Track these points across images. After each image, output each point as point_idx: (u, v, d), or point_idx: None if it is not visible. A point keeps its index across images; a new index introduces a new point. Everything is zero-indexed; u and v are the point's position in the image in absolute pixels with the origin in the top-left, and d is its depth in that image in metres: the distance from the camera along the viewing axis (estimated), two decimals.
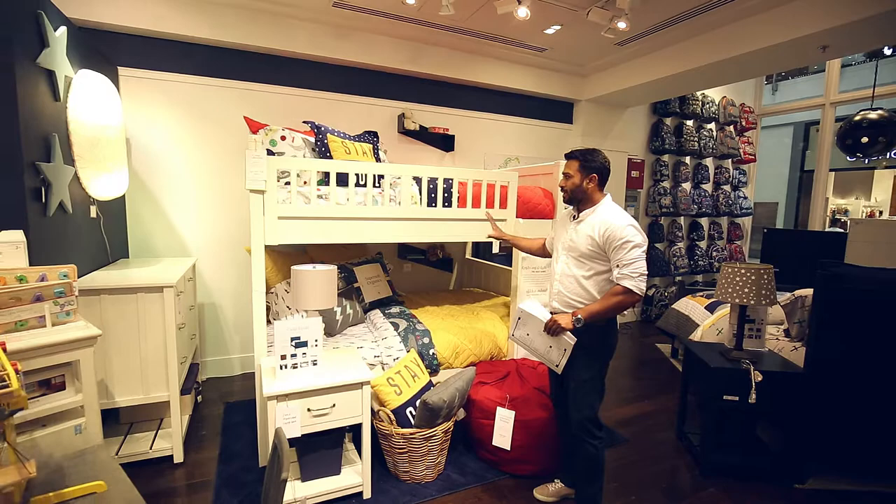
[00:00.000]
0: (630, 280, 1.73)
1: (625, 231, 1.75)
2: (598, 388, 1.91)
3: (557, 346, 1.85)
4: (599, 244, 1.80)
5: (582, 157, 1.89)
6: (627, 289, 1.73)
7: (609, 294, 1.80)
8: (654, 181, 5.50)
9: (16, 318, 1.40)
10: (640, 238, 1.76)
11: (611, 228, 1.77)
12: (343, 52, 3.56)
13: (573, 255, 1.90)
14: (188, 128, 3.27)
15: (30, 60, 1.87)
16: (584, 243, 1.85)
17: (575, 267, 1.90)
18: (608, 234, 1.77)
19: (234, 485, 2.20)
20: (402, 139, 4.02)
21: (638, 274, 1.73)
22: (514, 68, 4.28)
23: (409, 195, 2.54)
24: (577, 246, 1.87)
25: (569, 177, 1.91)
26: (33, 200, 1.87)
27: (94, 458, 1.43)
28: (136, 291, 2.19)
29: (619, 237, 1.74)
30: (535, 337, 1.92)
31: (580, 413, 1.88)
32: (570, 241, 1.92)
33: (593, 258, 1.85)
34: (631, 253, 1.73)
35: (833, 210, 9.89)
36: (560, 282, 1.95)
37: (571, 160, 1.92)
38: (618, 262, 1.76)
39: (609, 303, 1.78)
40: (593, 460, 1.89)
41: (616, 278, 1.77)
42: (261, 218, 2.19)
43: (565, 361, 1.84)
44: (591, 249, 1.83)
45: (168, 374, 2.29)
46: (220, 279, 3.49)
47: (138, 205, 3.18)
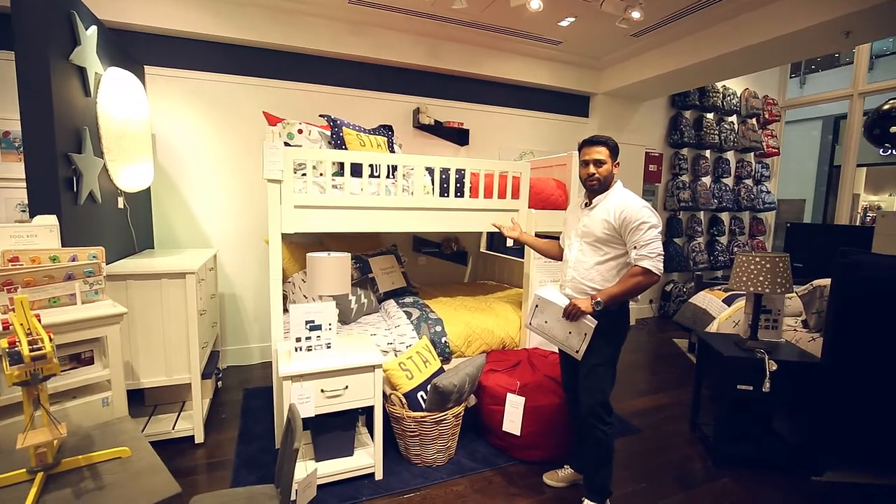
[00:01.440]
0: (649, 260, 1.74)
1: (640, 212, 1.76)
2: (610, 373, 1.91)
3: (577, 331, 1.84)
4: (615, 227, 1.81)
5: (613, 143, 1.89)
6: (646, 269, 1.74)
7: (628, 276, 1.80)
8: (672, 175, 5.41)
9: (49, 296, 1.49)
10: (656, 219, 1.78)
11: (626, 211, 1.78)
12: (359, 49, 3.63)
13: (587, 240, 1.90)
14: (210, 123, 3.39)
15: (63, 57, 1.98)
16: (599, 228, 1.85)
17: (590, 252, 1.90)
18: (624, 217, 1.78)
19: (253, 464, 2.28)
20: (417, 134, 4.07)
21: (656, 254, 1.74)
22: (528, 62, 4.29)
23: (422, 185, 2.59)
24: (592, 231, 1.87)
25: (601, 163, 1.87)
26: (66, 190, 1.98)
27: (119, 429, 1.52)
28: (160, 277, 2.29)
29: (636, 219, 1.75)
30: (553, 324, 1.91)
31: (592, 398, 1.89)
32: (583, 227, 1.92)
33: (609, 242, 1.85)
34: (648, 234, 1.74)
35: (865, 207, 9.54)
36: (574, 268, 1.94)
37: (601, 146, 1.88)
38: (635, 244, 1.76)
39: (628, 284, 1.78)
40: (603, 446, 1.89)
41: (634, 259, 1.78)
42: (278, 207, 2.27)
43: (586, 346, 1.83)
44: (607, 233, 1.83)
45: (190, 357, 2.38)
46: (240, 271, 3.60)
47: (163, 198, 3.31)
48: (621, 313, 1.91)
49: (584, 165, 1.90)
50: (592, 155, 1.88)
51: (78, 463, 1.28)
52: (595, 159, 1.88)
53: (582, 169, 1.92)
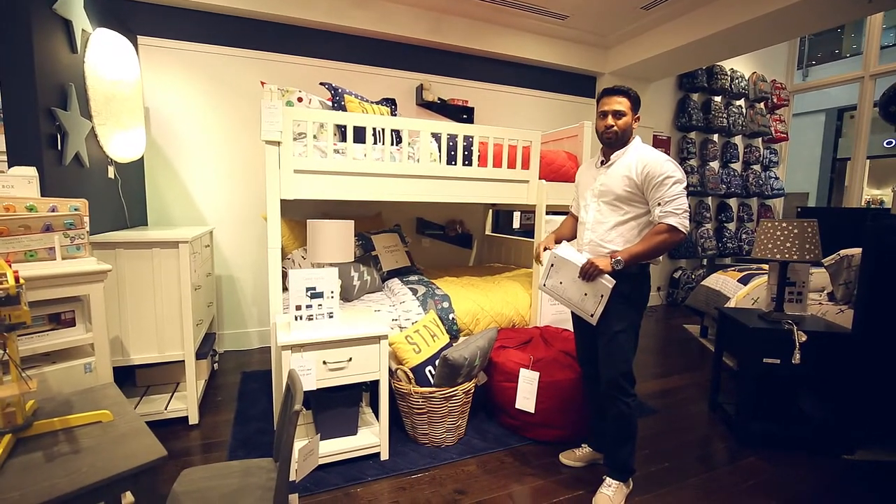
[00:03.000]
0: (674, 217, 1.62)
1: (665, 166, 1.64)
2: (632, 341, 1.77)
3: (593, 292, 1.70)
4: (637, 183, 1.69)
5: (635, 94, 1.75)
6: (672, 226, 1.62)
7: (652, 233, 1.68)
8: (680, 159, 5.29)
9: (25, 248, 1.36)
10: (681, 173, 1.65)
11: (649, 165, 1.66)
12: (362, 21, 3.50)
13: (605, 199, 1.77)
14: (206, 97, 3.25)
15: (45, 5, 1.85)
16: (619, 185, 1.72)
17: (609, 212, 1.77)
18: (647, 171, 1.65)
19: (249, 445, 2.15)
20: (420, 111, 3.94)
21: (682, 210, 1.62)
22: (535, 39, 4.16)
23: (428, 152, 2.46)
24: (612, 189, 1.75)
25: (621, 115, 1.73)
26: (49, 147, 1.85)
27: (102, 394, 1.39)
28: (152, 246, 2.15)
29: (660, 173, 1.63)
30: (568, 285, 1.77)
31: (614, 368, 1.75)
32: (601, 187, 1.79)
33: (630, 200, 1.72)
34: (673, 189, 1.63)
35: (868, 200, 9.43)
36: (592, 230, 1.82)
37: (622, 96, 1.74)
38: (659, 200, 1.65)
39: (652, 242, 1.65)
40: (626, 419, 1.77)
41: (658, 217, 1.65)
42: (276, 171, 2.14)
43: (601, 310, 1.70)
44: (628, 191, 1.71)
45: (183, 334, 2.25)
46: (237, 252, 3.46)
47: (157, 173, 3.18)
48: (642, 275, 1.78)
49: (603, 117, 1.76)
50: (612, 105, 1.74)
51: (53, 426, 1.14)
52: (615, 110, 1.73)
53: (599, 121, 1.78)
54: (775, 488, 1.92)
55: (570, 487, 1.90)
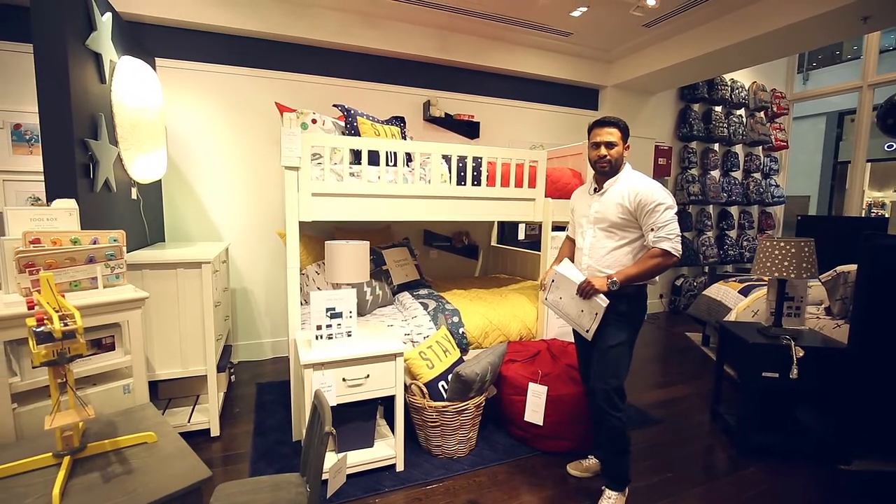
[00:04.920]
0: (667, 242, 1.71)
1: (655, 194, 1.74)
2: (625, 358, 1.85)
3: (589, 309, 1.80)
4: (630, 210, 1.78)
5: (624, 125, 1.85)
6: (665, 251, 1.72)
7: (646, 257, 1.77)
8: (681, 168, 5.38)
9: (70, 279, 1.46)
10: (671, 200, 1.75)
11: (641, 193, 1.75)
12: (371, 41, 3.61)
13: (601, 226, 1.87)
14: (221, 116, 3.36)
15: (80, 42, 1.95)
16: (613, 212, 1.82)
17: (605, 238, 1.87)
18: (639, 199, 1.75)
19: (270, 456, 2.24)
20: (427, 126, 4.04)
21: (674, 235, 1.72)
22: (539, 54, 4.26)
23: (439, 173, 2.56)
24: (607, 216, 1.84)
25: (612, 145, 1.82)
26: (83, 176, 1.95)
27: (142, 415, 1.49)
28: (176, 267, 2.25)
29: (651, 200, 1.73)
30: (567, 301, 1.88)
31: (605, 383, 1.83)
32: (595, 213, 1.88)
33: (624, 227, 1.82)
34: (664, 215, 1.72)
35: (870, 203, 9.49)
36: (589, 255, 1.91)
37: (612, 127, 1.84)
38: (652, 226, 1.74)
39: (646, 265, 1.75)
40: (618, 433, 1.84)
41: (652, 242, 1.74)
42: (295, 194, 2.23)
43: (596, 326, 1.80)
44: (622, 218, 1.80)
45: (205, 349, 2.35)
46: (251, 265, 3.56)
47: (174, 190, 3.28)
48: (638, 296, 1.87)
49: (595, 147, 1.85)
50: (604, 137, 1.83)
51: (104, 447, 1.24)
52: (606, 141, 1.82)
53: (592, 151, 1.87)
54: (775, 499, 2.01)
55: (577, 498, 1.99)
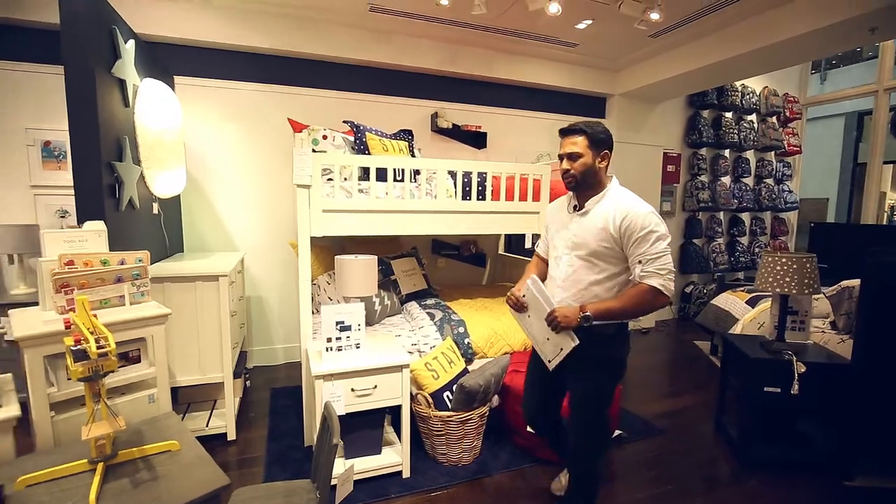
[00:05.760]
0: (657, 278, 1.44)
1: (647, 219, 1.46)
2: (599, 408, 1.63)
3: (556, 341, 1.53)
4: (615, 238, 1.50)
5: (591, 130, 1.53)
6: (654, 288, 1.45)
7: (632, 292, 1.49)
8: (691, 175, 5.38)
9: (101, 297, 1.58)
10: (664, 228, 1.48)
11: (630, 217, 1.47)
12: (381, 55, 3.71)
13: (580, 253, 1.57)
14: (236, 131, 3.49)
15: (106, 70, 2.08)
16: (594, 239, 1.53)
17: (583, 269, 1.56)
18: (627, 225, 1.47)
19: (284, 461, 2.35)
20: (435, 137, 4.12)
21: (666, 270, 1.45)
22: (545, 65, 4.32)
23: (445, 189, 2.64)
24: (586, 242, 1.55)
25: (576, 157, 1.53)
26: (109, 196, 2.08)
27: (166, 423, 1.60)
28: (195, 280, 2.37)
29: (641, 227, 1.45)
30: (534, 321, 1.62)
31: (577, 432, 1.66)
32: (574, 238, 1.58)
33: (607, 257, 1.53)
34: (656, 246, 1.45)
35: (892, 206, 9.28)
36: (563, 288, 1.60)
37: (577, 135, 1.54)
38: (640, 258, 1.47)
39: (629, 301, 1.48)
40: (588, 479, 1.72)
41: (639, 277, 1.47)
42: (307, 211, 2.34)
43: (558, 362, 1.55)
44: (605, 246, 1.52)
45: (222, 357, 2.47)
46: (266, 274, 3.69)
47: (192, 204, 3.42)
48: (620, 337, 1.59)
49: (560, 160, 1.59)
50: (566, 147, 1.56)
51: (132, 455, 1.35)
52: (569, 153, 1.55)
53: (560, 164, 1.60)
54: None
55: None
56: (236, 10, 3.25)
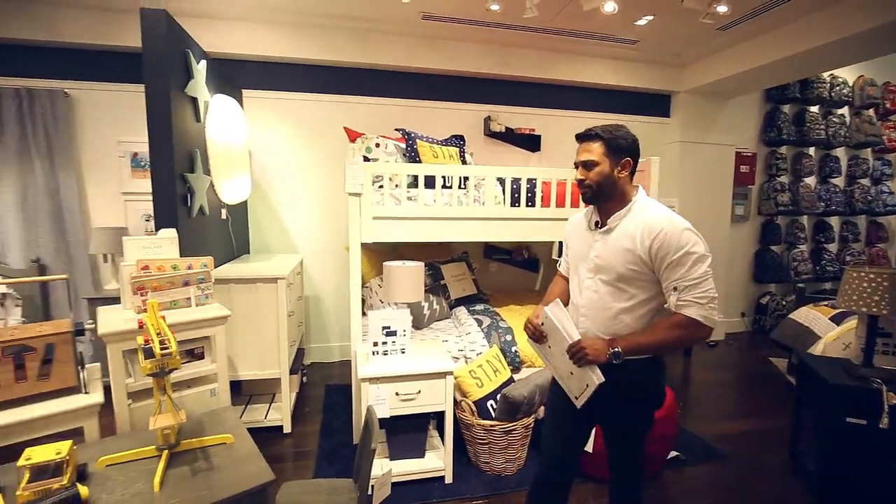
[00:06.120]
0: (696, 308, 1.24)
1: (683, 237, 1.26)
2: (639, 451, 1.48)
3: (580, 376, 1.35)
4: (645, 259, 1.30)
5: (608, 136, 1.35)
6: (693, 321, 1.25)
7: (667, 324, 1.30)
8: (768, 176, 4.93)
9: (171, 299, 1.74)
10: (704, 246, 1.27)
11: (661, 236, 1.27)
12: (433, 62, 3.76)
13: (605, 277, 1.38)
14: (297, 140, 3.69)
15: (180, 89, 2.29)
16: (620, 260, 1.33)
17: (610, 295, 1.37)
18: (659, 245, 1.27)
19: (333, 456, 2.45)
20: (488, 141, 4.11)
21: (707, 299, 1.24)
22: (603, 63, 4.15)
23: (493, 195, 2.62)
24: (611, 265, 1.35)
25: (592, 165, 1.36)
26: (182, 205, 2.28)
27: (224, 417, 1.72)
28: (256, 282, 2.54)
29: (677, 247, 1.25)
30: (556, 353, 1.42)
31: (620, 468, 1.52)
32: (597, 259, 1.39)
33: (637, 281, 1.33)
34: (694, 269, 1.24)
35: None
36: (588, 317, 1.42)
37: (592, 141, 1.37)
38: (676, 284, 1.27)
39: (665, 336, 1.29)
40: None
41: (675, 306, 1.27)
42: (357, 218, 2.42)
43: (585, 399, 1.35)
44: (633, 269, 1.32)
45: (280, 354, 2.62)
46: (323, 275, 3.87)
47: (258, 209, 3.67)
48: (653, 368, 1.40)
49: (576, 168, 1.42)
50: (580, 155, 1.39)
51: (192, 445, 1.47)
52: (584, 161, 1.38)
53: None
54: None
55: None
56: (297, 26, 3.44)
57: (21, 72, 3.09)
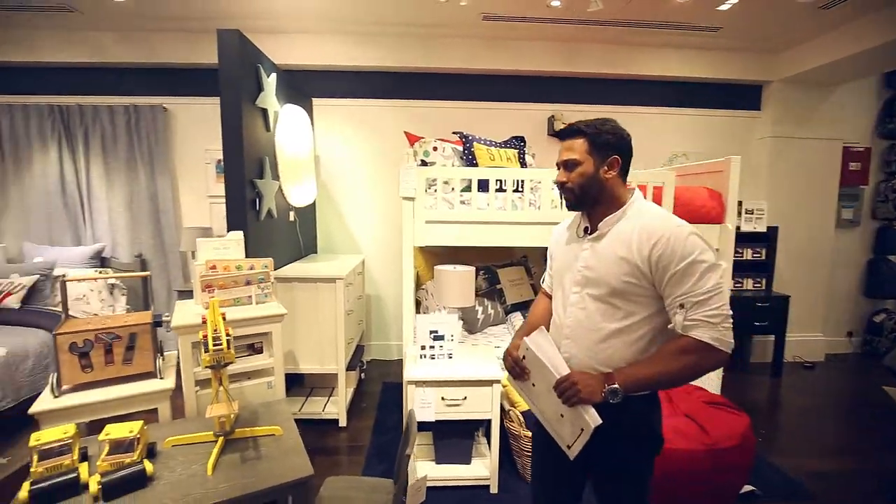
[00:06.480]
0: (708, 328, 1.03)
1: (688, 243, 1.06)
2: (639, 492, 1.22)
3: (572, 418, 1.11)
4: (643, 270, 1.09)
5: (592, 131, 1.17)
6: (704, 344, 1.03)
7: (672, 350, 1.08)
8: (885, 175, 4.24)
9: (234, 297, 1.89)
10: (713, 254, 1.07)
11: (663, 242, 1.07)
12: (495, 62, 3.72)
13: (594, 292, 1.16)
14: (361, 144, 3.84)
15: (251, 102, 2.47)
16: (614, 271, 1.12)
17: (599, 314, 1.16)
18: (660, 253, 1.07)
19: (383, 454, 2.51)
20: (552, 142, 3.97)
21: (721, 317, 1.04)
22: (679, 54, 3.83)
23: (550, 199, 2.52)
24: (602, 277, 1.14)
25: (573, 165, 1.17)
26: (251, 209, 2.47)
27: (277, 409, 1.83)
28: (316, 282, 2.68)
29: (682, 254, 1.05)
30: (541, 392, 1.19)
31: None
32: (585, 271, 1.18)
33: (633, 296, 1.12)
34: (703, 282, 1.04)
35: None
36: (573, 338, 1.20)
37: (573, 138, 1.19)
38: (682, 300, 1.06)
39: (670, 366, 1.07)
40: None
41: (682, 327, 1.06)
42: (411, 221, 2.46)
43: (580, 447, 1.10)
44: (629, 282, 1.11)
45: (337, 351, 2.74)
46: (383, 275, 3.99)
47: (325, 210, 3.87)
48: (651, 403, 1.19)
49: (558, 169, 1.24)
50: (561, 154, 1.21)
51: (245, 434, 1.58)
52: (565, 160, 1.19)
53: None
54: None
55: None
56: (360, 35, 3.56)
57: (129, 91, 3.54)
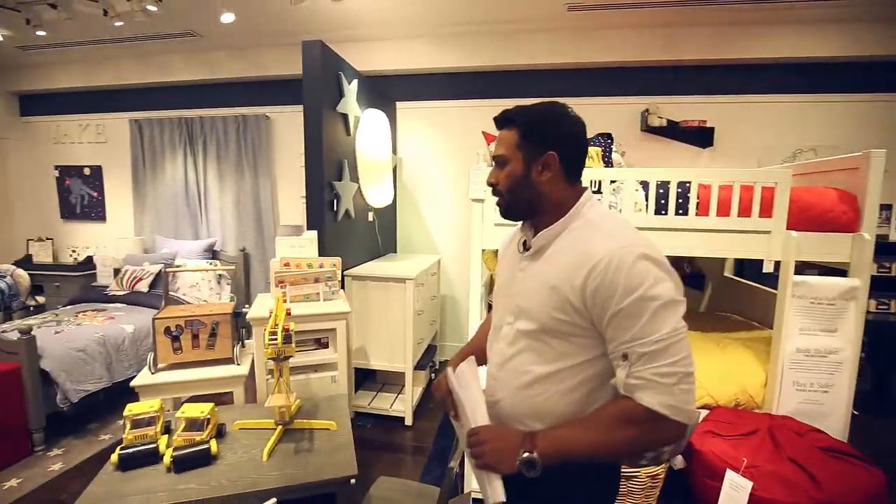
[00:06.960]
0: (658, 391, 0.76)
1: (636, 271, 0.77)
2: None
3: (486, 481, 0.84)
4: (576, 305, 0.83)
5: (522, 119, 0.92)
6: (651, 412, 0.76)
7: (612, 414, 0.82)
8: None
9: (304, 293, 1.99)
10: (671, 286, 0.78)
11: (603, 265, 0.79)
12: (580, 55, 3.49)
13: (524, 327, 0.91)
14: (441, 145, 3.86)
15: (332, 108, 2.60)
16: (543, 304, 0.87)
17: (527, 353, 0.90)
18: (600, 282, 0.79)
19: (443, 458, 2.48)
20: (645, 138, 3.62)
21: (677, 376, 0.75)
22: (800, 31, 3.22)
23: (633, 202, 2.28)
24: (532, 309, 0.89)
25: (503, 163, 0.95)
26: (328, 209, 2.60)
27: (337, 403, 1.89)
28: (388, 281, 2.74)
29: (626, 286, 0.77)
30: (463, 435, 0.96)
31: None
32: (517, 299, 0.93)
33: (567, 335, 0.86)
34: (656, 325, 0.75)
35: None
36: (498, 378, 0.96)
37: (504, 128, 0.96)
38: (626, 349, 0.78)
39: (610, 435, 0.80)
40: None
41: (624, 385, 0.80)
42: (479, 224, 2.39)
43: None
44: (561, 319, 0.85)
45: (405, 350, 2.78)
46: (459, 276, 3.97)
47: (405, 210, 3.96)
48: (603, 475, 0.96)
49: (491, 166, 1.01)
50: (495, 149, 0.98)
51: (302, 425, 1.66)
52: (493, 156, 0.97)
53: None
54: None
55: None
56: (441, 37, 3.58)
57: (239, 103, 3.97)
